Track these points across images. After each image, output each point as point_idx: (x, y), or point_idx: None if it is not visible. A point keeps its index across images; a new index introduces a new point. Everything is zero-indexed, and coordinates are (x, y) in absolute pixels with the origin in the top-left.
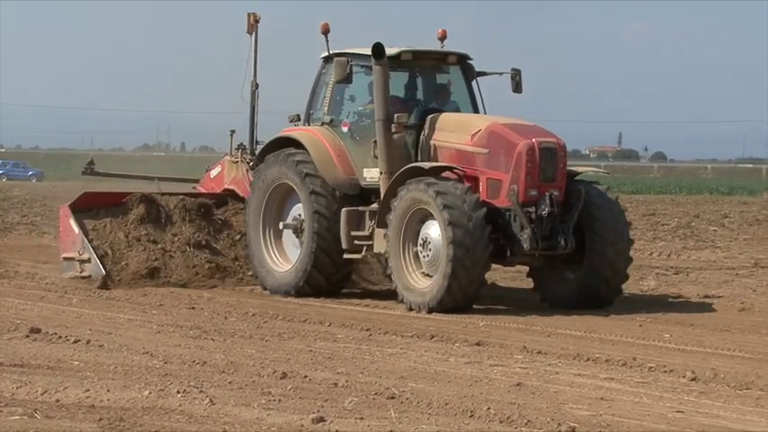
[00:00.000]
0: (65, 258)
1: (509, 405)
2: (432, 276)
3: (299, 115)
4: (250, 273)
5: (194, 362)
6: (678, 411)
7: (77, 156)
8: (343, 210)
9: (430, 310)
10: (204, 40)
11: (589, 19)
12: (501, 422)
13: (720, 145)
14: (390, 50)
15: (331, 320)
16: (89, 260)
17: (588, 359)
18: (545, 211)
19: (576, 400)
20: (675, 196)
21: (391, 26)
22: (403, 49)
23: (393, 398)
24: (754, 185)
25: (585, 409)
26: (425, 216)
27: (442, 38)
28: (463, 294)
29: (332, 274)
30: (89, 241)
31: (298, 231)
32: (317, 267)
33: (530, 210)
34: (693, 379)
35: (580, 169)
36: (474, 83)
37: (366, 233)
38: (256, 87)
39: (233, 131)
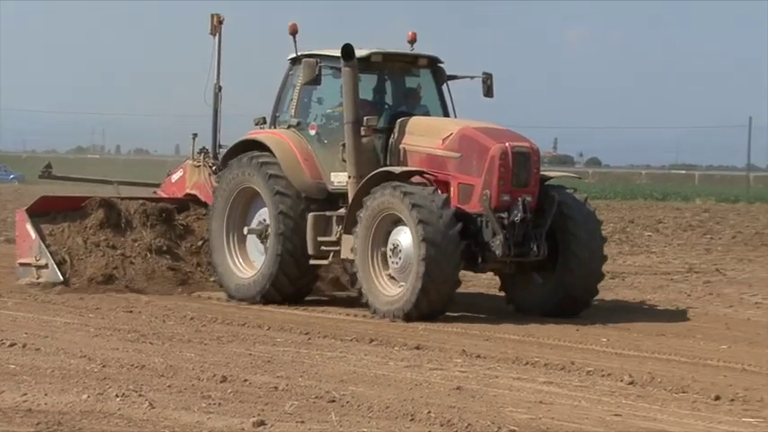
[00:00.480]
0: (21, 264)
1: (449, 409)
2: (402, 284)
3: (264, 118)
4: (213, 279)
5: (133, 365)
6: (616, 415)
7: (9, 158)
8: (310, 214)
9: (405, 316)
10: (144, 41)
11: (524, 23)
12: (441, 426)
13: (654, 151)
14: (360, 52)
15: (270, 324)
16: (46, 266)
17: (527, 363)
18: (518, 216)
19: (515, 404)
20: (610, 201)
21: (360, 28)
22: (373, 50)
23: (334, 401)
24: (688, 191)
25: (525, 412)
26: (395, 222)
27: (412, 41)
28: (438, 295)
29: (298, 278)
30: (46, 247)
31: (263, 236)
32: (283, 270)
33: (502, 215)
34: (631, 383)
35: (551, 174)
36: (444, 86)
37: (333, 239)
38: (219, 90)
39: (195, 135)
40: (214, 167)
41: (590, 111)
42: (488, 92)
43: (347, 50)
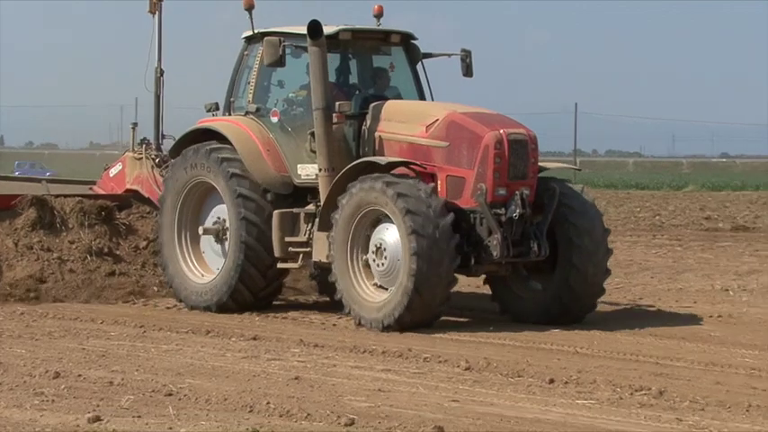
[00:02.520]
0: None
1: (288, 399)
2: (386, 288)
3: (216, 104)
4: (162, 279)
5: None
6: (453, 400)
7: None
8: (275, 212)
9: (385, 328)
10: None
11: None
12: (281, 416)
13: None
14: (327, 29)
15: (103, 318)
16: None
17: (365, 351)
18: (516, 212)
19: (354, 392)
20: None
21: (320, 4)
22: (341, 27)
23: (171, 395)
24: None
25: (364, 400)
26: (378, 219)
27: (378, 15)
28: (425, 312)
29: (261, 289)
30: None
31: (219, 236)
32: (245, 283)
33: (499, 211)
34: (467, 368)
35: (548, 165)
36: (419, 66)
37: (303, 239)
38: (161, 74)
39: (135, 124)
40: (157, 159)
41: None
42: (468, 71)
43: (314, 27)
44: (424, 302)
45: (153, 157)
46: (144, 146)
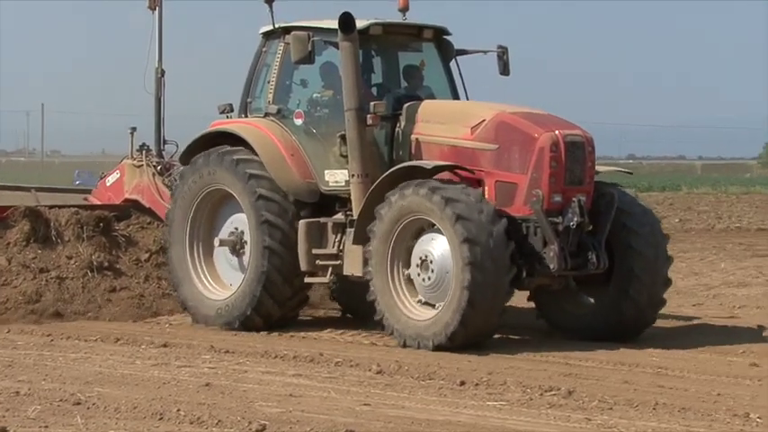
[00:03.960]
0: None
1: (199, 406)
2: (433, 305)
3: (230, 105)
4: (166, 292)
5: None
6: (365, 404)
7: None
8: (302, 222)
9: (449, 340)
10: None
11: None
12: (191, 423)
13: None
14: (358, 23)
15: (9, 327)
16: None
17: (276, 356)
18: (574, 221)
19: (265, 398)
20: None
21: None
22: (372, 21)
23: (79, 404)
24: None
25: (275, 406)
26: (421, 229)
27: (404, 9)
28: (480, 328)
29: (287, 298)
30: None
31: (236, 248)
32: (270, 292)
33: (555, 220)
34: (379, 372)
35: (601, 169)
36: (452, 63)
37: (332, 251)
38: (162, 75)
39: (134, 129)
40: (159, 167)
41: None
42: (504, 69)
43: (347, 21)
44: (479, 317)
45: (154, 164)
46: (144, 152)
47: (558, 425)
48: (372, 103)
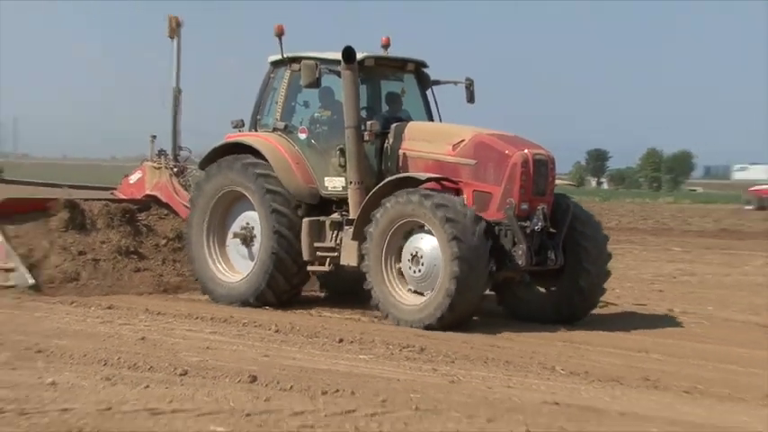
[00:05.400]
0: None
1: (135, 354)
2: (421, 293)
3: (242, 120)
4: (180, 272)
5: None
6: (265, 356)
7: None
8: (305, 219)
9: (438, 322)
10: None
11: None
12: (129, 368)
13: None
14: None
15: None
16: (14, 269)
17: (197, 317)
18: (538, 225)
19: (188, 350)
20: None
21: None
22: (366, 54)
23: (40, 351)
24: None
25: (195, 356)
26: (411, 230)
27: (386, 45)
28: (464, 311)
29: (285, 292)
30: (12, 249)
31: (246, 241)
32: (279, 269)
33: (524, 224)
34: (277, 331)
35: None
36: (428, 91)
37: (330, 244)
38: (179, 93)
39: (154, 137)
40: (175, 169)
41: None
42: (471, 98)
43: (349, 53)
44: (464, 302)
45: (171, 166)
46: (162, 156)
47: (412, 373)
48: (369, 122)
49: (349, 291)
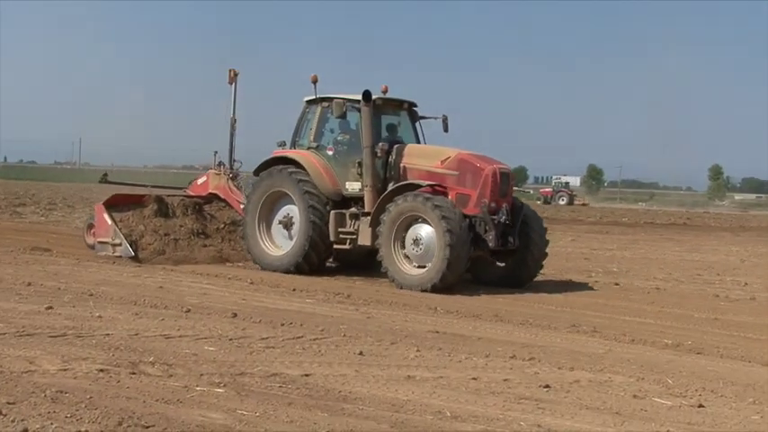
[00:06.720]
0: (100, 242)
1: (155, 297)
2: (420, 266)
3: (285, 141)
4: (237, 249)
5: None
6: (243, 299)
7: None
8: (332, 212)
9: (432, 288)
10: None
11: None
12: (152, 307)
13: None
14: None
15: (56, 254)
16: (120, 244)
17: (199, 273)
18: (503, 218)
19: (190, 295)
20: None
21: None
22: (378, 96)
23: (92, 295)
24: None
25: (196, 298)
26: (413, 221)
27: (385, 92)
28: (452, 280)
29: (323, 251)
30: (119, 230)
31: (287, 226)
32: (313, 248)
33: (494, 217)
34: (251, 283)
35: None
36: (417, 124)
37: (350, 229)
38: (235, 121)
39: (216, 152)
40: (231, 175)
41: None
42: (446, 129)
43: (368, 94)
44: (452, 274)
45: (228, 173)
46: (221, 166)
47: (342, 311)
48: (380, 144)
49: (355, 262)
